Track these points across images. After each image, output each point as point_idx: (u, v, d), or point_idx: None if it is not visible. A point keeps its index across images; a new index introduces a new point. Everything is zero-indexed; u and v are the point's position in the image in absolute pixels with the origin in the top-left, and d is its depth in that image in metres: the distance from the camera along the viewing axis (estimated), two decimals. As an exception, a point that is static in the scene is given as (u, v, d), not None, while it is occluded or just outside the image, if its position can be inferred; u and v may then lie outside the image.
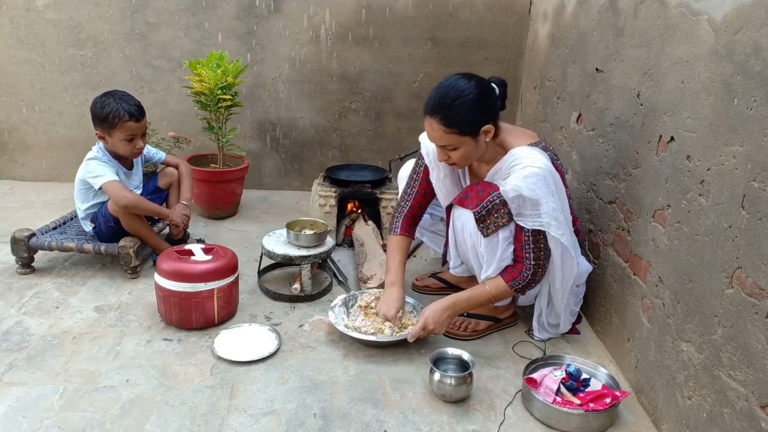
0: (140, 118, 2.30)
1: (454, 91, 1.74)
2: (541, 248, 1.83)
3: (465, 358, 1.81)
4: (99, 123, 2.27)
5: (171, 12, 3.24)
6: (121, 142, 2.28)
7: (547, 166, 1.75)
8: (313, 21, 3.29)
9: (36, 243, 2.33)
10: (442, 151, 1.83)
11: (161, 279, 1.98)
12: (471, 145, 1.79)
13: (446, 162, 1.87)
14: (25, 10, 3.19)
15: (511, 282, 1.87)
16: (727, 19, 1.39)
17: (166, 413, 1.61)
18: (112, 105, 2.24)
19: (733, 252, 1.34)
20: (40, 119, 3.39)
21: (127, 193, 2.29)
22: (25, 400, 1.63)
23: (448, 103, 1.73)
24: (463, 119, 1.74)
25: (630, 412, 1.72)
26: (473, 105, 1.74)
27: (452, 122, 1.74)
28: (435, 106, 1.76)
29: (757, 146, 1.26)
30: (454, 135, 1.75)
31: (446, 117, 1.73)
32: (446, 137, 1.77)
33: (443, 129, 1.75)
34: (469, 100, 1.73)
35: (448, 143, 1.78)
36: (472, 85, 1.74)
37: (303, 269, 2.27)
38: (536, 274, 1.86)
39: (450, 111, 1.73)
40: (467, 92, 1.73)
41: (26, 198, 3.23)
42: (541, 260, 1.84)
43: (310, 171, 3.57)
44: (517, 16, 3.33)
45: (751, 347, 1.26)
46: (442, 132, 1.76)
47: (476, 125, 1.76)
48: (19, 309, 2.10)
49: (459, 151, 1.80)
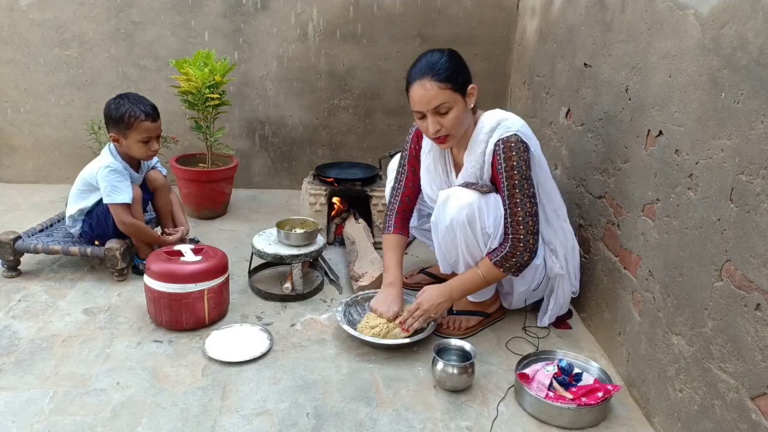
0: (156, 118, 2.28)
1: (436, 54, 1.83)
2: (519, 221, 1.83)
3: (467, 349, 1.83)
4: (114, 125, 2.24)
5: (157, 11, 3.21)
6: (136, 144, 2.26)
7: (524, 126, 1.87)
8: (301, 18, 3.27)
9: (21, 246, 2.30)
10: (433, 119, 1.81)
11: (151, 280, 1.97)
12: (461, 105, 1.82)
13: (437, 134, 1.83)
14: (8, 10, 3.15)
15: (490, 256, 1.87)
16: (713, 13, 1.40)
17: (158, 415, 1.60)
18: (128, 106, 2.22)
19: (722, 245, 1.35)
20: (25, 120, 3.35)
21: (131, 218, 2.29)
22: (15, 404, 1.61)
23: (436, 61, 1.80)
24: (453, 72, 1.79)
25: (622, 405, 1.73)
26: (457, 63, 1.83)
27: (444, 76, 1.78)
28: (424, 68, 1.80)
29: (745, 139, 1.27)
30: (449, 91, 1.78)
31: (437, 73, 1.78)
32: (441, 94, 1.78)
33: (438, 85, 1.77)
34: (453, 59, 1.83)
35: (443, 101, 1.78)
36: (446, 51, 1.85)
37: (294, 268, 2.26)
38: (515, 248, 1.83)
39: (440, 66, 1.79)
40: (447, 54, 1.83)
41: (12, 200, 3.19)
42: (520, 234, 1.83)
43: (299, 169, 3.55)
44: (505, 12, 3.34)
45: (740, 339, 1.27)
46: (437, 89, 1.77)
47: (465, 81, 1.82)
48: (7, 312, 2.08)
49: (451, 113, 1.80)
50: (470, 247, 1.89)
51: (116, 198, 2.24)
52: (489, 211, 1.84)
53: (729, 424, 1.30)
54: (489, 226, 1.85)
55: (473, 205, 1.83)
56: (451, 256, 1.98)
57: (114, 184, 2.25)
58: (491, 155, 1.85)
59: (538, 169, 1.90)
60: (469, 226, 1.85)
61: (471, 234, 1.86)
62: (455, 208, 1.85)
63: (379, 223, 2.80)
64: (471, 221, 1.84)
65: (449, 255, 1.98)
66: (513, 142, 1.81)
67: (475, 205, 1.83)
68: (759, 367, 1.21)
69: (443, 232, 1.92)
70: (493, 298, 2.13)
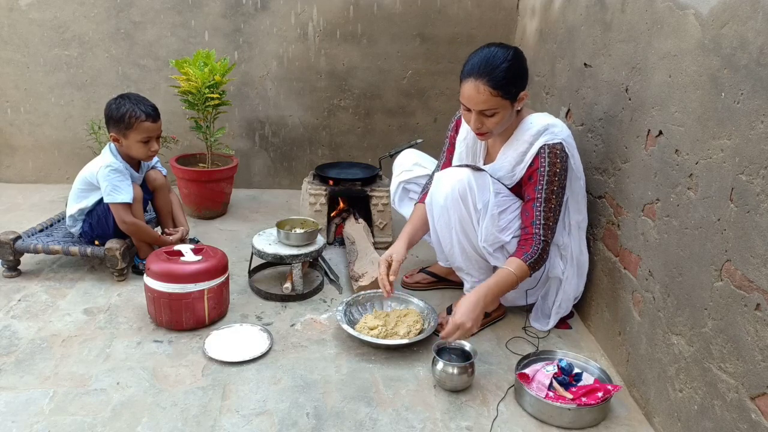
0: (156, 118, 2.28)
1: (499, 54, 1.78)
2: (550, 226, 1.86)
3: (467, 349, 1.83)
4: (114, 124, 2.24)
5: (157, 11, 3.21)
6: (137, 144, 2.26)
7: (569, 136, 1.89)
8: (301, 18, 3.27)
9: (21, 246, 2.30)
10: (477, 118, 1.83)
11: (151, 280, 1.97)
12: (508, 110, 1.82)
13: (479, 131, 1.86)
14: (8, 10, 3.15)
15: (522, 256, 1.84)
16: (713, 13, 1.40)
17: (158, 415, 1.60)
18: (128, 106, 2.22)
19: (722, 245, 1.35)
20: (25, 120, 3.35)
21: (131, 218, 2.29)
22: (15, 404, 1.61)
23: (496, 65, 1.76)
24: (508, 82, 1.78)
25: (622, 405, 1.73)
26: (517, 69, 1.80)
27: (499, 84, 1.76)
28: (482, 68, 1.77)
29: (745, 139, 1.27)
30: (499, 98, 1.78)
31: (493, 79, 1.76)
32: (491, 100, 1.78)
33: (490, 91, 1.77)
34: (513, 65, 1.78)
35: (491, 107, 1.79)
36: (511, 51, 1.81)
37: (294, 268, 2.26)
38: (545, 251, 1.86)
39: (497, 73, 1.76)
40: (510, 57, 1.79)
41: (12, 200, 3.19)
42: (549, 238, 1.86)
43: (299, 169, 3.55)
44: (505, 12, 3.34)
45: (740, 339, 1.27)
46: (488, 94, 1.77)
47: (518, 89, 1.81)
48: (7, 312, 2.07)
49: (496, 117, 1.82)
50: (464, 225, 1.90)
51: (117, 197, 2.24)
52: (479, 187, 1.87)
53: (729, 424, 1.30)
54: (478, 201, 1.87)
55: (463, 181, 1.86)
56: (446, 239, 1.97)
57: (115, 184, 2.25)
58: (533, 157, 1.86)
59: (574, 180, 1.94)
60: (462, 202, 1.87)
61: (464, 210, 1.88)
62: (448, 185, 1.88)
63: (379, 223, 2.80)
64: (463, 196, 1.87)
65: (445, 239, 1.97)
66: (559, 150, 1.84)
67: (465, 181, 1.86)
68: (759, 367, 1.21)
69: (437, 213, 1.94)
70: None
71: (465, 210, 1.88)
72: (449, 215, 1.90)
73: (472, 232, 1.91)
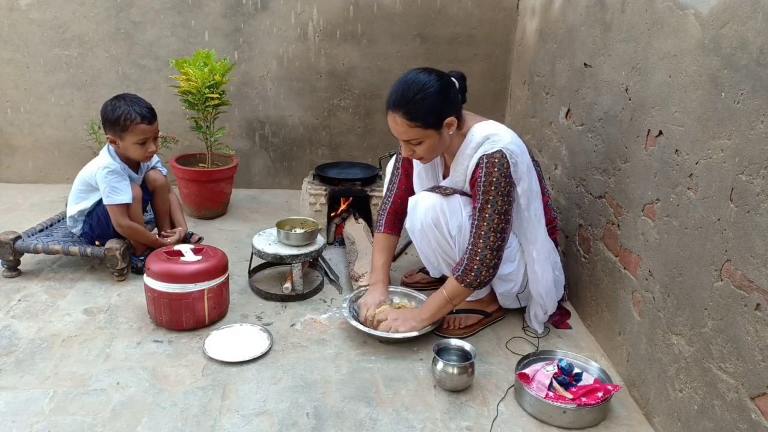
0: (152, 120, 2.27)
1: (415, 84, 1.74)
2: (481, 235, 1.81)
3: (467, 349, 1.84)
4: (110, 126, 2.24)
5: (157, 11, 3.21)
6: (133, 145, 2.25)
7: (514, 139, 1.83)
8: (301, 18, 3.27)
9: (21, 246, 2.30)
10: (406, 146, 1.84)
11: (151, 280, 1.97)
12: (435, 138, 1.80)
13: (411, 157, 1.88)
14: (8, 10, 3.15)
15: (454, 272, 1.87)
16: (713, 13, 1.40)
17: (158, 415, 1.60)
18: (124, 107, 2.21)
19: (722, 245, 1.35)
20: (25, 120, 3.35)
21: (128, 221, 2.28)
22: (15, 404, 1.61)
23: (411, 96, 1.74)
24: (426, 112, 1.74)
25: (622, 405, 1.73)
26: (435, 98, 1.74)
27: (415, 115, 1.74)
28: (397, 101, 1.76)
29: (745, 139, 1.27)
30: (418, 128, 1.76)
31: (409, 111, 1.74)
32: (410, 131, 1.77)
33: (407, 123, 1.76)
34: (431, 93, 1.74)
35: (413, 137, 1.79)
36: (432, 78, 1.76)
37: (294, 268, 2.26)
38: (472, 260, 1.82)
39: (413, 104, 1.74)
40: (429, 85, 1.74)
41: (12, 200, 3.19)
42: (479, 247, 1.81)
43: (299, 169, 3.55)
44: (505, 12, 3.34)
45: (740, 339, 1.27)
46: (405, 126, 1.77)
47: (439, 118, 1.77)
48: (7, 312, 2.07)
49: (423, 145, 1.81)
50: (443, 247, 1.93)
51: (116, 198, 2.24)
52: (451, 213, 1.87)
53: (729, 424, 1.30)
54: (452, 227, 1.88)
55: (436, 208, 1.87)
56: (431, 258, 2.03)
57: (113, 185, 2.24)
58: (473, 169, 1.85)
59: (526, 179, 1.85)
60: (437, 228, 1.89)
61: (440, 235, 1.91)
62: (422, 211, 1.90)
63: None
64: (437, 223, 1.88)
65: (430, 257, 2.03)
66: (497, 158, 1.78)
67: (437, 208, 1.87)
68: (759, 367, 1.21)
69: (418, 236, 1.97)
70: (492, 297, 2.13)
71: (441, 235, 1.91)
72: (428, 239, 1.94)
73: (452, 252, 1.94)
